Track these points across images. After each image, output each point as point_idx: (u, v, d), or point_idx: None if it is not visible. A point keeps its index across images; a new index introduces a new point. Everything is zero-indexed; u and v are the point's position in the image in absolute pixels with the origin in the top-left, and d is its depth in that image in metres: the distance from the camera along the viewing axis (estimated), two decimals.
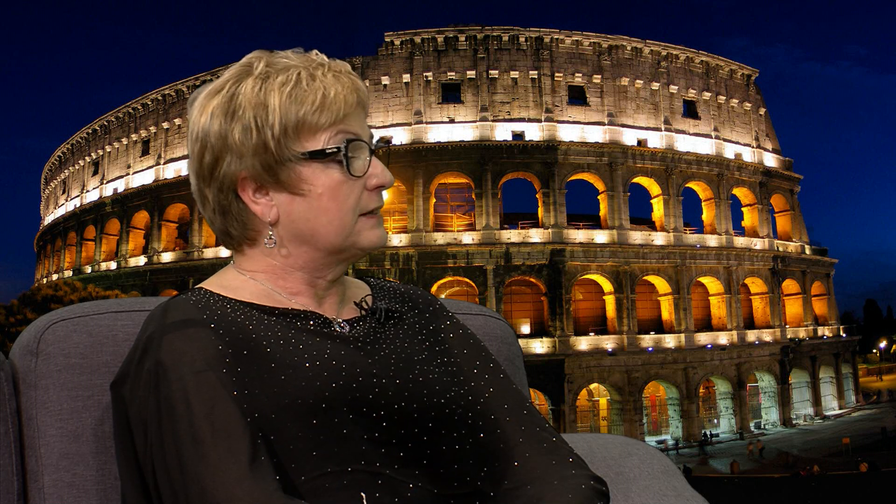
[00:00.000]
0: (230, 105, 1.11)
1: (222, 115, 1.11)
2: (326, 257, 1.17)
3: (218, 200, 1.15)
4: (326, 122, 1.11)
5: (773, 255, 54.44)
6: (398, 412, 1.07)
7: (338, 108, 1.12)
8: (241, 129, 1.10)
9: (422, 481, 1.05)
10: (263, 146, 1.10)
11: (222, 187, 1.14)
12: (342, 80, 1.14)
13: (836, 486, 18.53)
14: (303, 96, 1.10)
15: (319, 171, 1.12)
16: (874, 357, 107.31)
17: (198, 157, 1.14)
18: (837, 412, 55.99)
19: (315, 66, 1.14)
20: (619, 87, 52.15)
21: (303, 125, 1.10)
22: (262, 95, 1.10)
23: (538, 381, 43.67)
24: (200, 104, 1.14)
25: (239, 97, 1.11)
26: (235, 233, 1.18)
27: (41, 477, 1.22)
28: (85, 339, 1.27)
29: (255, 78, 1.11)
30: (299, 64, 1.13)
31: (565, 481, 1.09)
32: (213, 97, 1.13)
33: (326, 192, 1.12)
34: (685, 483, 1.52)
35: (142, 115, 59.37)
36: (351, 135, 1.14)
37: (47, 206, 73.30)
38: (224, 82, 1.13)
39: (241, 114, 1.10)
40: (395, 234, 48.49)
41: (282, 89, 1.10)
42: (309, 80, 1.11)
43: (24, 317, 30.26)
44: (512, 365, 1.57)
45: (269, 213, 1.14)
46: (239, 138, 1.10)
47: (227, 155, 1.11)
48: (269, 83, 1.11)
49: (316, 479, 1.01)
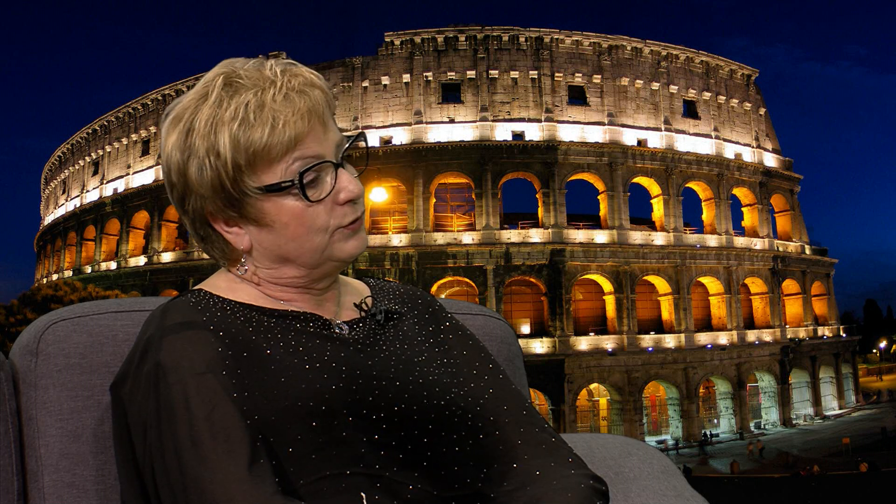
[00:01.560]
0: (186, 141, 1.10)
1: (179, 151, 1.11)
2: (310, 272, 1.17)
3: (195, 230, 1.17)
4: (278, 153, 1.08)
5: (773, 255, 54.43)
6: (398, 414, 1.07)
7: (288, 138, 1.08)
8: (197, 167, 1.09)
9: (421, 483, 1.06)
10: (220, 185, 1.09)
11: (195, 220, 1.15)
12: (293, 102, 1.10)
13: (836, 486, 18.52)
14: (251, 131, 1.07)
15: (280, 202, 1.10)
16: (874, 357, 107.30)
17: (168, 186, 1.16)
18: (837, 412, 55.99)
19: (267, 87, 1.10)
20: (619, 87, 52.14)
21: (255, 160, 1.08)
22: (212, 134, 1.08)
23: (538, 381, 43.66)
24: (165, 131, 1.14)
25: (193, 133, 1.09)
26: (218, 255, 1.19)
27: (41, 477, 1.22)
28: (85, 339, 1.27)
29: (210, 106, 1.09)
30: (251, 85, 1.10)
31: (565, 481, 1.09)
32: (174, 128, 1.12)
33: (292, 221, 1.11)
34: (685, 483, 1.52)
35: (142, 115, 59.35)
36: (309, 158, 1.10)
37: (47, 206, 73.29)
38: (184, 109, 1.12)
39: (195, 151, 1.09)
40: (395, 234, 48.51)
41: (230, 125, 1.07)
42: (257, 110, 1.08)
43: (24, 317, 30.25)
44: (512, 365, 1.57)
45: (241, 242, 1.15)
46: (195, 178, 1.10)
47: (190, 192, 1.12)
48: (219, 116, 1.08)
49: (315, 481, 1.01)
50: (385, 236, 48.28)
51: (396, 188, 48.71)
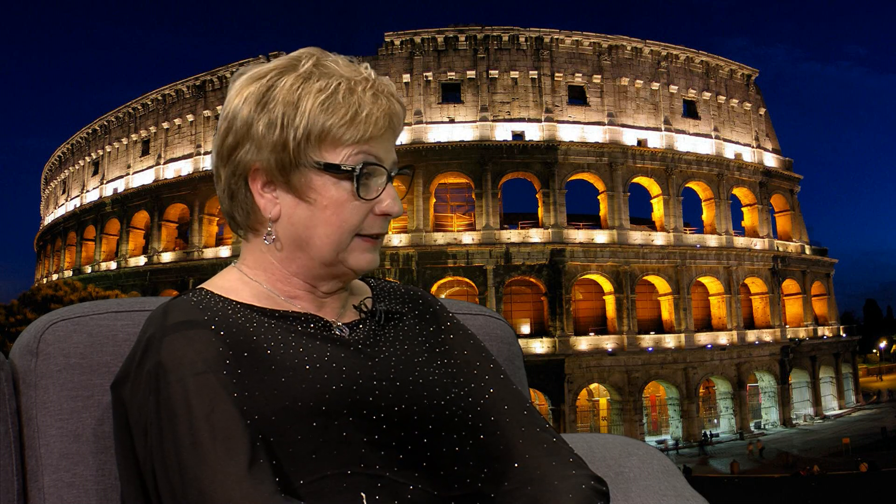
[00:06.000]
0: (265, 96, 1.11)
1: (254, 103, 1.12)
2: (320, 268, 1.17)
3: (228, 183, 1.16)
4: (350, 139, 1.11)
5: (773, 255, 54.44)
6: (398, 415, 1.07)
7: (365, 129, 1.12)
8: (268, 122, 1.11)
9: (422, 483, 1.06)
10: (283, 145, 1.10)
11: (235, 171, 1.15)
12: (379, 102, 1.14)
13: (836, 486, 18.54)
14: (334, 108, 1.10)
15: (330, 184, 1.12)
16: (874, 357, 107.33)
17: (222, 135, 1.16)
18: (837, 412, 55.99)
19: (358, 80, 1.14)
20: (619, 87, 52.14)
21: (326, 136, 1.11)
22: (296, 96, 1.10)
23: (538, 381, 43.67)
24: (239, 86, 1.15)
25: (275, 90, 1.11)
26: (240, 218, 1.19)
27: (41, 477, 1.22)
28: (85, 339, 1.27)
29: (298, 76, 1.12)
30: (344, 74, 1.13)
31: (566, 481, 1.09)
32: (252, 83, 1.14)
33: (331, 206, 1.12)
34: (685, 483, 1.52)
35: (142, 115, 59.35)
36: (372, 158, 1.14)
37: (47, 206, 73.29)
38: (268, 70, 1.14)
39: (272, 107, 1.11)
40: (395, 234, 48.51)
41: (317, 95, 1.10)
42: (347, 93, 1.11)
43: (24, 317, 30.26)
44: (512, 365, 1.57)
45: (271, 209, 1.14)
46: (262, 130, 1.11)
47: (247, 142, 1.12)
48: (307, 85, 1.11)
49: (316, 481, 1.01)
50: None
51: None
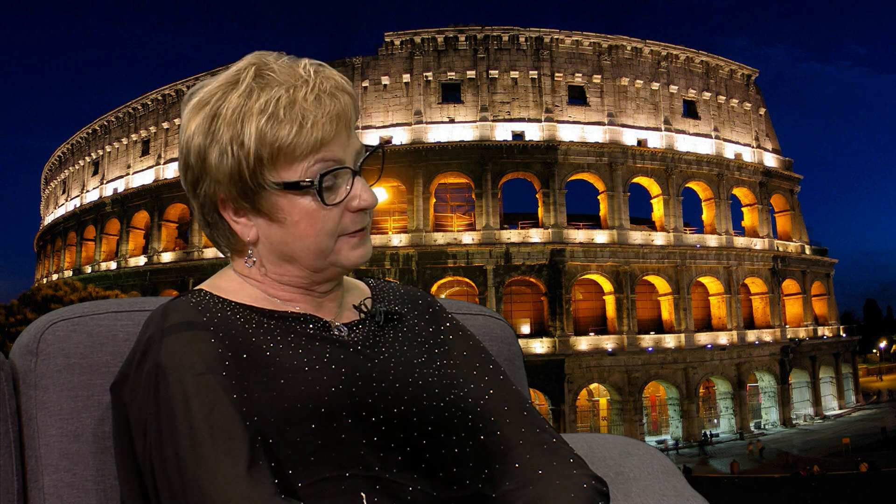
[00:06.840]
0: (211, 125, 1.09)
1: (202, 134, 1.10)
2: (312, 275, 1.16)
3: (202, 215, 1.17)
4: (303, 152, 1.09)
5: (773, 255, 54.43)
6: (397, 416, 1.07)
7: (315, 138, 1.08)
8: (218, 153, 1.09)
9: (421, 485, 1.05)
10: (238, 174, 1.09)
11: (205, 205, 1.15)
12: (323, 105, 1.10)
13: (836, 486, 18.55)
14: (278, 126, 1.07)
15: (295, 200, 1.10)
16: (874, 357, 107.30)
17: (182, 170, 1.15)
18: (837, 412, 55.98)
19: (298, 86, 1.09)
20: (619, 87, 52.13)
21: (278, 155, 1.08)
22: (239, 123, 1.08)
23: (538, 381, 43.66)
24: (188, 115, 1.13)
25: (219, 119, 1.09)
26: (223, 243, 1.19)
27: (41, 477, 1.21)
28: (85, 340, 1.27)
29: (240, 95, 1.09)
30: (283, 81, 1.09)
31: (566, 482, 1.08)
32: (199, 111, 1.11)
33: (303, 220, 1.11)
34: (685, 483, 1.52)
35: (142, 115, 59.34)
36: (330, 162, 1.11)
37: (47, 206, 73.27)
38: (211, 94, 1.11)
39: (220, 136, 1.09)
40: (395, 234, 48.51)
41: (259, 117, 1.07)
42: (288, 106, 1.08)
43: (24, 317, 30.25)
44: (512, 365, 1.57)
45: (248, 234, 1.14)
46: (215, 162, 1.09)
47: (206, 176, 1.12)
48: (248, 105, 1.08)
49: (315, 482, 1.01)
50: (385, 236, 48.25)
51: (396, 188, 48.74)
